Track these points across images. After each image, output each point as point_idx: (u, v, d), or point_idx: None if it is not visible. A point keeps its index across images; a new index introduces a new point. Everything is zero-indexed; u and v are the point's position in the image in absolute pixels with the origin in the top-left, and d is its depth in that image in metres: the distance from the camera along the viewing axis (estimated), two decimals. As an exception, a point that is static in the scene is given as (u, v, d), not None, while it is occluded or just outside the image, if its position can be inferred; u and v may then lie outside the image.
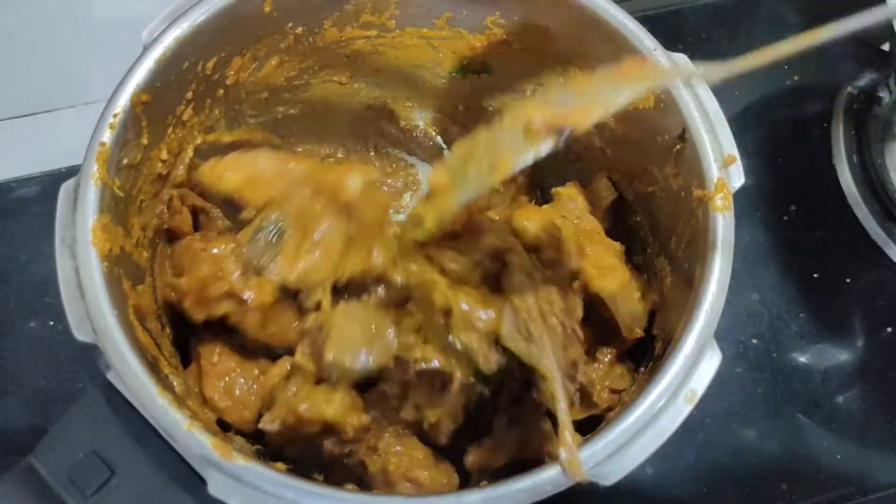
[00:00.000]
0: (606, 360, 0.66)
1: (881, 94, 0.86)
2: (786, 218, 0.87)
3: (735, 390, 0.78)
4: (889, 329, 0.82)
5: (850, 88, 0.90)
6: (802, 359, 0.81)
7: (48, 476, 0.49)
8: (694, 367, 0.52)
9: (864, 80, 0.87)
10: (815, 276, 0.84)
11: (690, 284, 0.56)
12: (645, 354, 0.65)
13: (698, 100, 0.59)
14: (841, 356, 0.81)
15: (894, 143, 0.86)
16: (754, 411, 0.78)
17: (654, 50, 0.61)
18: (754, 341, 0.81)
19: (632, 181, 0.70)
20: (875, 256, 0.85)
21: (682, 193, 0.61)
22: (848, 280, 0.84)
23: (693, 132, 0.59)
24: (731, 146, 0.58)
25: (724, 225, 0.56)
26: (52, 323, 0.77)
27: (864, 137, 0.87)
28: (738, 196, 0.58)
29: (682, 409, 0.51)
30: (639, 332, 0.65)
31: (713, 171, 0.57)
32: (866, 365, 0.80)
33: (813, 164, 0.89)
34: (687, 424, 0.77)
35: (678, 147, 0.60)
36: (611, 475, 0.49)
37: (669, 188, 0.63)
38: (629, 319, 0.64)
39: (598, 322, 0.64)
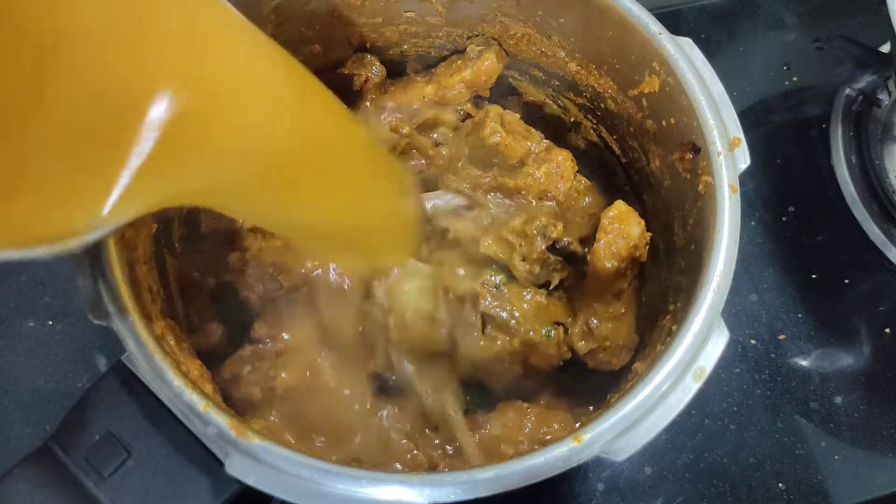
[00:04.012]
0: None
1: (880, 96, 0.86)
2: (784, 219, 0.87)
3: (734, 391, 0.79)
4: (888, 330, 0.82)
5: (848, 90, 0.90)
6: (801, 360, 0.81)
7: (65, 458, 0.49)
8: (702, 345, 0.52)
9: (863, 81, 0.87)
10: (814, 277, 0.84)
11: (698, 264, 0.56)
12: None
13: (704, 83, 0.59)
14: (839, 357, 0.81)
15: (893, 144, 0.86)
16: (753, 412, 0.78)
17: (660, 34, 0.61)
18: (753, 342, 0.81)
19: (636, 161, 0.71)
20: (874, 258, 0.85)
21: (688, 176, 0.61)
22: (846, 281, 0.84)
23: (699, 114, 0.58)
24: (736, 128, 0.58)
25: (730, 206, 0.56)
26: (50, 322, 0.77)
27: (862, 139, 0.87)
28: (737, 196, 0.58)
29: (690, 387, 0.51)
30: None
31: (719, 153, 0.57)
32: (865, 366, 0.81)
33: (812, 166, 0.90)
34: (685, 425, 0.78)
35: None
36: (621, 451, 0.49)
37: (676, 172, 0.63)
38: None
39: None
